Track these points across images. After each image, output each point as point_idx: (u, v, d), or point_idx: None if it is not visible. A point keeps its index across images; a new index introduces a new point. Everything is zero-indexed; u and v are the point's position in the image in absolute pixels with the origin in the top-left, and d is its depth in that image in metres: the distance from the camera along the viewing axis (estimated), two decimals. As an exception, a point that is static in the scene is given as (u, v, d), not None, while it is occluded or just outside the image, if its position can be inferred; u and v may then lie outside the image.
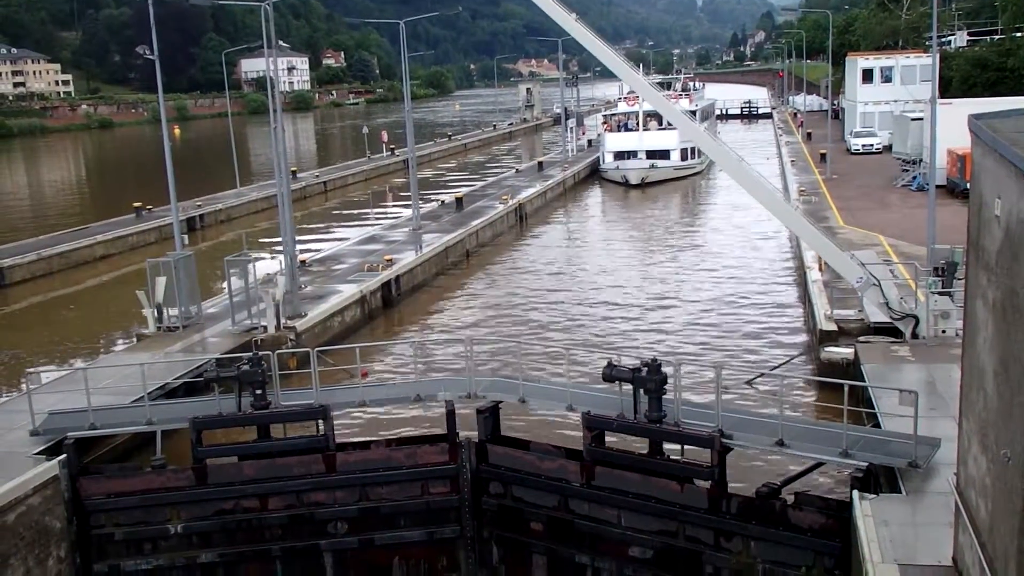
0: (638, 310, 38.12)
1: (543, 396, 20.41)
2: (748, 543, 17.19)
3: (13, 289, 46.94)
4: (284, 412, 20.23)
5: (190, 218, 61.53)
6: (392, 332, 37.15)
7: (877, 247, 37.68)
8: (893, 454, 16.31)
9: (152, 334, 30.00)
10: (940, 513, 14.41)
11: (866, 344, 24.60)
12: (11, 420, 20.85)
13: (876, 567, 13.22)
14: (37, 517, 17.85)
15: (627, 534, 18.50)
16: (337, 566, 20.00)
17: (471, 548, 20.28)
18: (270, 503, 19.78)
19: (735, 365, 29.37)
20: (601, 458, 18.88)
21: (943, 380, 20.99)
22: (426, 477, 20.02)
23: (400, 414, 25.88)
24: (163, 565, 19.51)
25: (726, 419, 17.81)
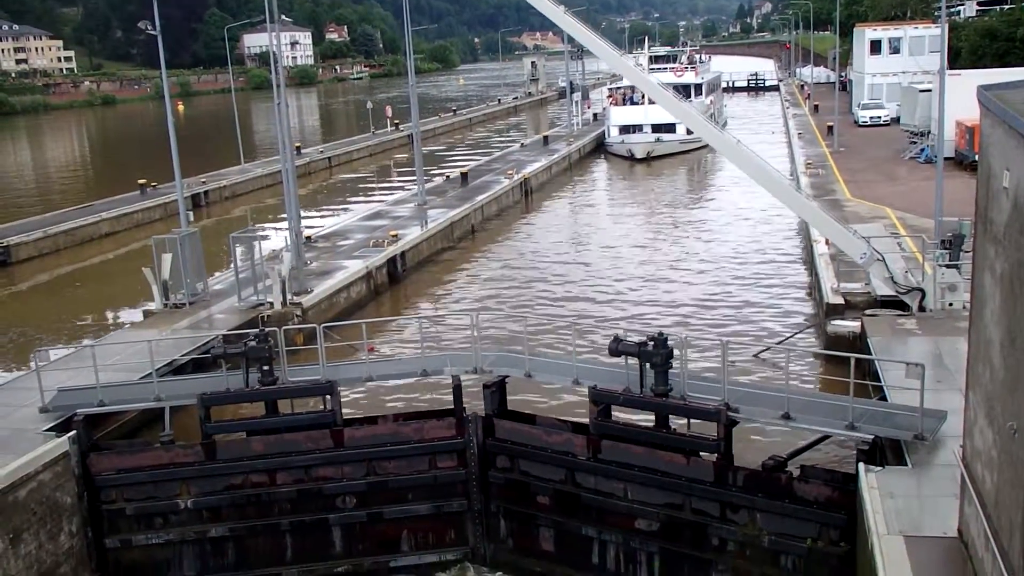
0: (644, 284, 38.12)
1: (549, 370, 20.45)
2: (754, 515, 17.27)
3: (19, 267, 47.05)
4: (291, 388, 20.31)
5: (195, 195, 61.52)
6: (398, 308, 37.22)
7: (884, 220, 37.59)
8: (899, 427, 16.35)
9: (159, 311, 30.07)
10: (946, 485, 14.46)
11: (873, 317, 24.59)
12: (20, 397, 20.95)
13: (881, 539, 13.27)
14: (48, 493, 17.99)
15: (633, 507, 18.59)
16: (346, 539, 20.15)
17: (478, 521, 20.41)
18: (279, 478, 19.90)
19: (741, 339, 29.41)
20: (607, 432, 18.94)
21: (950, 353, 20.99)
22: (433, 451, 20.12)
23: (407, 389, 25.97)
24: (174, 539, 19.67)
25: (732, 392, 17.84)
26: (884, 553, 12.86)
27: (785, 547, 16.91)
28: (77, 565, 18.67)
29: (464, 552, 20.41)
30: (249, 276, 31.06)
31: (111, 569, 19.51)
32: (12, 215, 58.10)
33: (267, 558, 19.96)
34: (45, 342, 32.49)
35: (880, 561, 12.66)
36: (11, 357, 32.26)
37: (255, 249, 31.18)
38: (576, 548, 19.41)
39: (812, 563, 16.61)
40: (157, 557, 19.69)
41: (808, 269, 37.18)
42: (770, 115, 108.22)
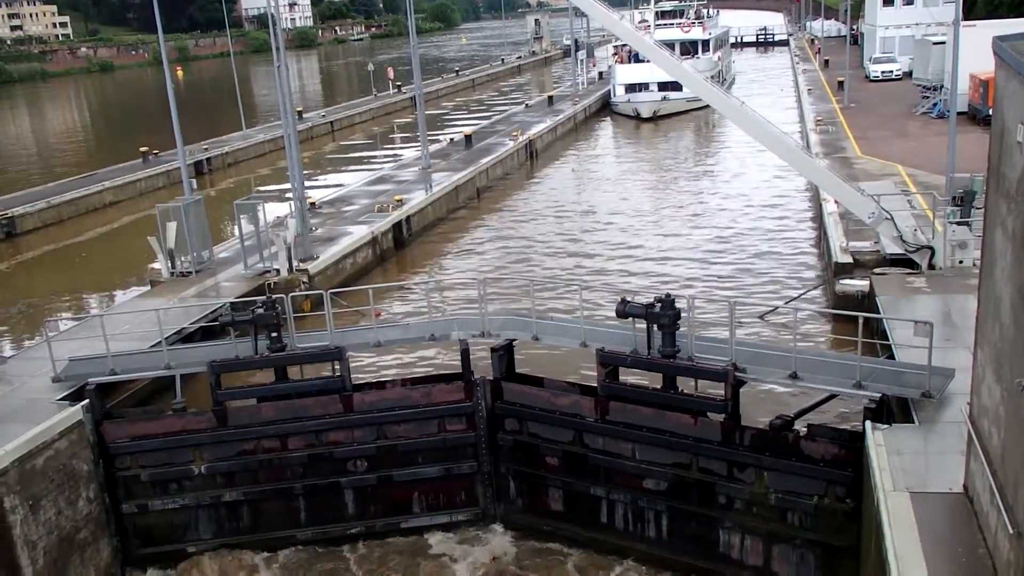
0: (651, 246, 38.13)
1: (556, 333, 20.54)
2: (761, 474, 17.43)
3: (25, 238, 47.14)
4: (300, 354, 20.45)
5: (197, 162, 61.40)
6: (404, 273, 37.29)
7: (895, 177, 37.45)
8: (907, 385, 16.44)
9: (166, 279, 30.18)
10: (952, 442, 14.57)
11: (881, 276, 24.59)
12: (32, 367, 21.12)
13: (887, 495, 13.40)
14: (65, 461, 18.20)
15: (641, 467, 18.76)
16: (358, 502, 20.39)
17: (488, 483, 20.63)
18: (290, 443, 20.10)
19: (749, 299, 29.47)
20: (615, 393, 19.08)
21: (959, 311, 21.04)
22: (442, 415, 20.29)
23: (414, 355, 26.13)
24: (189, 504, 19.93)
25: (740, 353, 17.93)
26: (890, 509, 12.99)
27: (792, 504, 17.08)
28: (96, 530, 18.93)
29: (474, 513, 20.64)
30: (254, 243, 31.11)
31: (129, 533, 19.79)
32: (15, 185, 58.10)
33: (281, 521, 20.22)
34: (54, 312, 32.66)
35: (886, 517, 12.80)
36: (21, 328, 32.44)
37: (260, 216, 31.21)
38: (585, 508, 19.63)
39: (818, 520, 16.80)
40: (174, 521, 19.97)
41: (817, 228, 37.14)
42: (779, 71, 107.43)
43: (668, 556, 18.65)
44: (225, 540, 20.08)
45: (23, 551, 16.93)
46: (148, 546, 19.88)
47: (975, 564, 11.52)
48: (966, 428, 12.83)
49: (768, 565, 17.60)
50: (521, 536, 20.10)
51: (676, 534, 18.66)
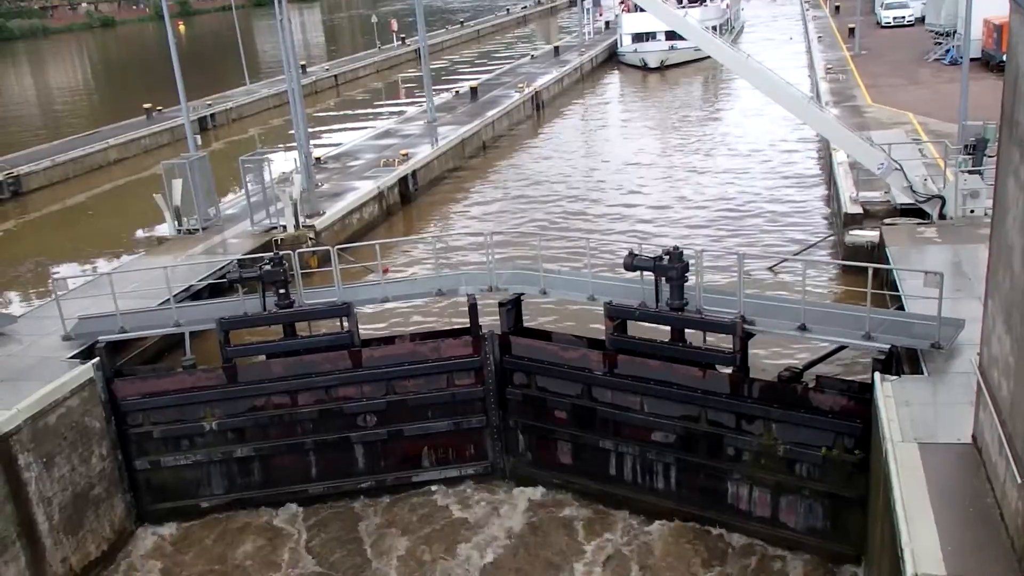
0: (659, 198, 37.98)
1: (564, 287, 20.52)
2: (769, 426, 17.47)
3: (31, 197, 47.11)
4: (308, 310, 20.47)
5: (201, 118, 61.14)
6: (411, 228, 37.23)
7: (906, 126, 37.09)
8: (916, 336, 16.40)
9: (172, 237, 30.17)
10: (961, 393, 14.56)
11: (891, 226, 24.43)
12: (42, 326, 21.19)
13: (896, 446, 13.42)
14: (77, 418, 18.33)
15: (650, 420, 18.83)
16: (368, 457, 20.53)
17: (497, 437, 20.73)
18: (300, 399, 20.20)
19: (758, 251, 29.38)
20: (623, 347, 19.09)
21: (969, 261, 20.92)
22: (451, 370, 20.34)
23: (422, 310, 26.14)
24: (201, 460, 20.09)
25: (748, 305, 17.89)
26: (898, 459, 13.02)
27: (800, 456, 17.14)
28: (110, 486, 19.11)
29: (484, 467, 20.78)
30: (260, 200, 31.06)
31: (142, 489, 19.98)
32: (20, 144, 57.94)
33: (292, 476, 20.38)
34: (63, 271, 32.73)
35: (894, 467, 12.83)
36: (30, 287, 32.53)
37: (265, 172, 31.11)
38: (594, 460, 19.73)
39: (826, 471, 16.87)
40: (186, 477, 20.14)
41: (826, 178, 36.91)
42: (789, 18, 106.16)
43: (676, 508, 18.77)
44: (237, 495, 20.27)
45: (38, 507, 17.11)
46: (161, 501, 20.08)
47: (983, 514, 11.56)
48: (975, 379, 12.81)
49: (776, 516, 17.71)
50: (530, 489, 20.21)
51: (685, 486, 18.77)
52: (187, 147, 33.35)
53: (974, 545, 10.99)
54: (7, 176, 46.85)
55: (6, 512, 16.35)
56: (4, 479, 16.33)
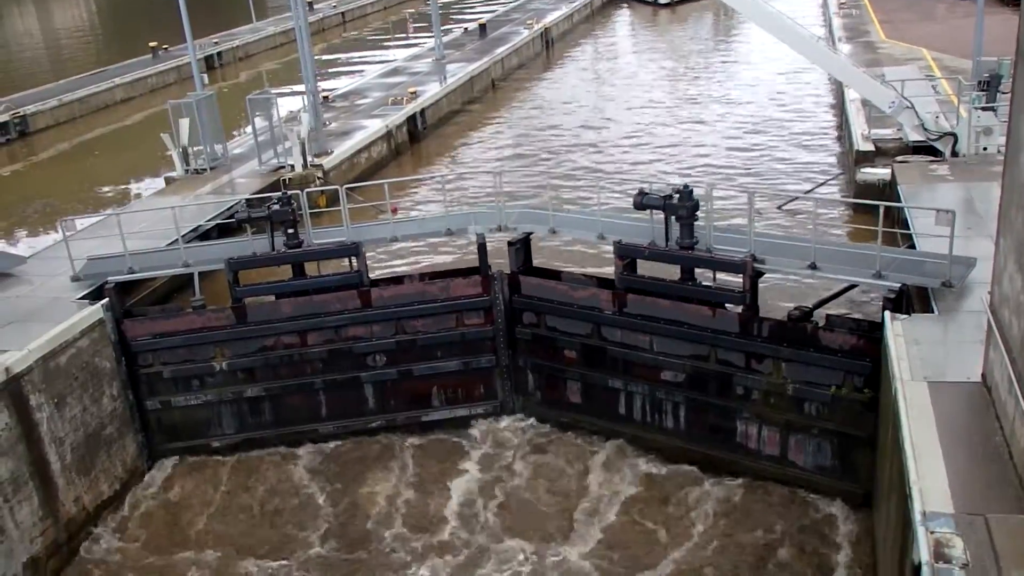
0: (669, 137, 37.65)
1: (574, 226, 20.40)
2: (779, 365, 17.46)
3: (37, 137, 46.96)
4: (317, 250, 20.43)
5: (207, 57, 60.60)
6: (420, 167, 37.05)
7: (920, 62, 36.54)
8: (927, 274, 16.29)
9: (180, 177, 30.06)
10: (972, 332, 14.48)
11: (903, 164, 24.19)
12: (51, 267, 21.20)
13: (905, 384, 13.39)
14: (87, 359, 18.41)
15: (659, 359, 18.83)
16: (378, 396, 20.64)
17: (507, 376, 20.79)
18: (309, 339, 20.25)
19: (768, 189, 29.16)
20: (633, 286, 19.03)
21: (982, 198, 20.72)
22: (460, 309, 20.34)
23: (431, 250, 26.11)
24: (212, 400, 20.21)
25: (758, 244, 17.78)
26: (907, 398, 12.99)
27: (809, 395, 17.15)
28: (121, 426, 19.27)
29: (493, 406, 20.87)
30: (268, 139, 30.87)
31: (153, 429, 20.15)
32: (26, 83, 57.59)
33: (303, 415, 20.51)
34: (70, 212, 32.70)
35: (903, 406, 12.81)
36: (38, 227, 32.56)
37: (273, 111, 30.88)
38: (603, 399, 19.80)
39: (835, 410, 16.89)
40: (197, 417, 20.28)
41: (838, 116, 36.49)
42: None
43: (685, 446, 18.86)
44: (248, 435, 20.42)
45: (51, 447, 17.27)
46: (173, 441, 20.25)
47: (992, 452, 11.56)
48: (986, 317, 12.73)
49: (785, 455, 17.78)
50: (540, 429, 20.33)
51: (694, 425, 18.83)
52: (194, 86, 33.06)
53: (983, 483, 11.01)
54: (13, 116, 46.66)
55: (18, 452, 16.50)
56: (16, 419, 16.45)
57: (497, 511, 17.78)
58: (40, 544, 16.81)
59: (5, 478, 16.14)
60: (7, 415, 16.25)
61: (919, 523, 10.36)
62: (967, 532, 10.15)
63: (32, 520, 16.70)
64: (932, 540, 10.06)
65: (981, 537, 10.07)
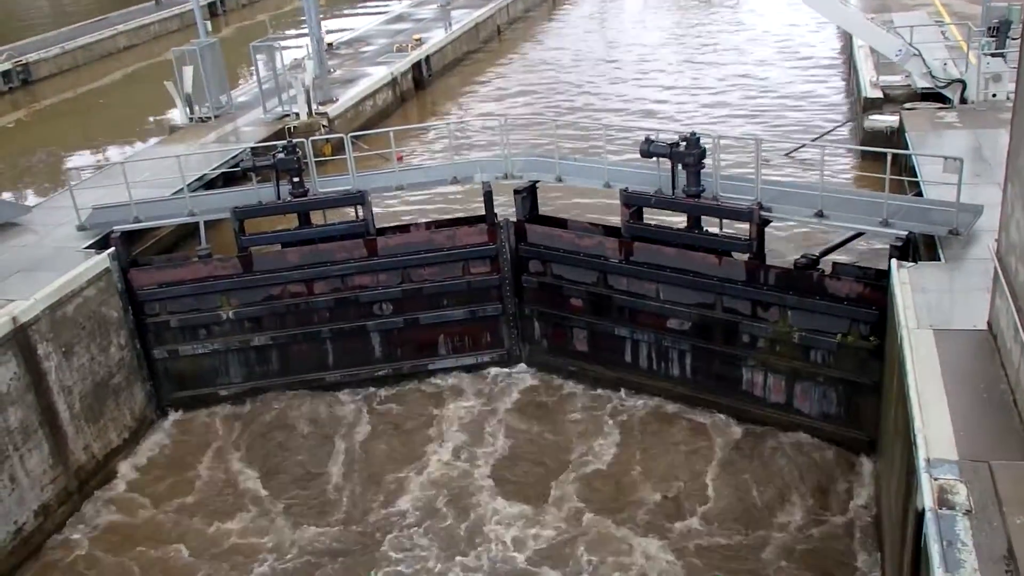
0: (676, 84, 37.31)
1: (580, 174, 20.29)
2: (785, 313, 17.47)
3: (40, 85, 46.68)
4: (323, 199, 20.38)
5: (211, 3, 60.09)
6: (425, 115, 36.82)
7: (929, 7, 36.01)
8: (934, 222, 16.21)
9: (184, 125, 29.91)
10: (978, 279, 14.43)
11: (911, 111, 23.96)
12: (56, 216, 21.17)
13: (911, 332, 13.38)
14: (95, 308, 18.47)
15: (665, 307, 18.84)
16: (384, 344, 20.71)
17: (513, 324, 20.84)
18: (316, 287, 20.27)
19: (776, 137, 28.95)
20: (639, 234, 18.98)
21: (990, 146, 20.54)
22: (466, 258, 20.33)
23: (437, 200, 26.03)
24: (219, 349, 20.30)
25: (765, 192, 17.68)
26: (913, 346, 13.00)
27: (815, 342, 17.18)
28: (129, 375, 19.39)
29: (500, 354, 20.94)
30: (272, 87, 30.66)
31: (161, 378, 20.27)
32: (27, 31, 57.10)
33: (310, 364, 20.61)
34: (75, 161, 32.63)
35: (909, 354, 12.82)
36: (43, 177, 32.48)
37: (277, 58, 30.64)
38: (609, 348, 19.85)
39: (841, 357, 16.92)
40: (204, 366, 20.39)
41: (846, 62, 36.09)
42: None
43: (691, 394, 18.95)
44: (256, 383, 20.53)
45: (59, 396, 17.40)
46: (180, 390, 20.38)
47: (997, 400, 11.58)
48: (993, 265, 12.68)
49: (790, 402, 17.86)
50: (546, 376, 20.42)
51: (700, 372, 18.90)
52: (197, 33, 32.76)
53: (987, 431, 11.05)
54: (16, 64, 46.36)
55: (28, 401, 16.63)
56: (25, 369, 16.55)
57: (503, 454, 17.96)
58: (51, 492, 17.01)
59: (15, 427, 16.29)
60: (15, 364, 16.36)
61: (923, 470, 10.42)
62: (971, 479, 10.21)
63: (42, 468, 16.88)
64: (936, 487, 10.12)
65: (985, 484, 10.12)
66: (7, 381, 16.18)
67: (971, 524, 9.52)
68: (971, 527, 9.48)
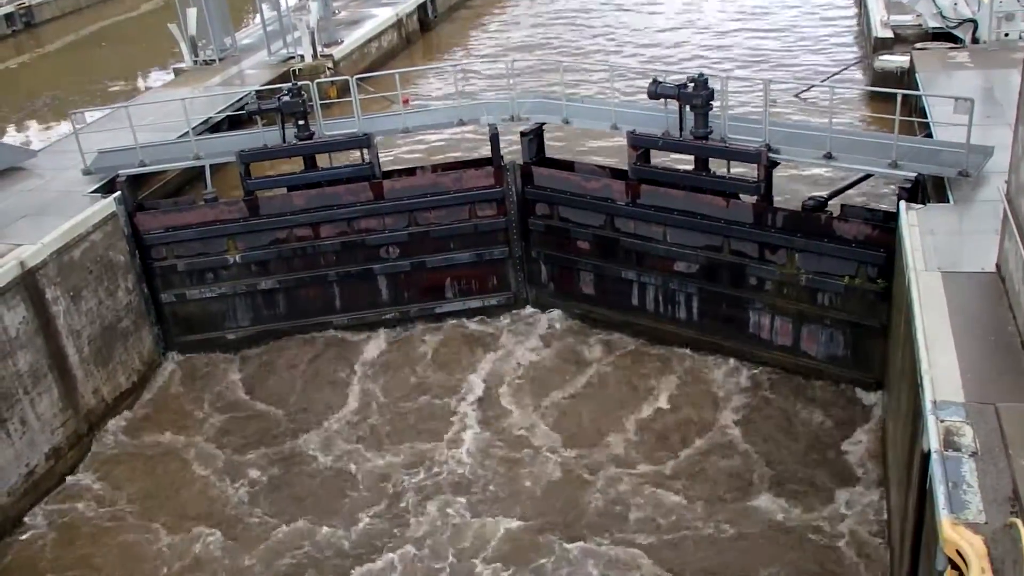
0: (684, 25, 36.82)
1: (587, 116, 20.13)
2: (793, 255, 17.41)
3: (43, 28, 46.29)
4: (328, 142, 20.27)
5: (214, -57, 59.13)
6: (431, 57, 36.46)
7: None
8: (943, 163, 16.07)
9: (189, 68, 29.69)
10: (987, 221, 14.33)
11: (922, 51, 23.64)
12: (61, 160, 21.12)
13: (919, 274, 13.33)
14: (101, 252, 18.49)
15: (672, 250, 18.80)
16: (391, 287, 20.74)
17: (520, 268, 20.83)
18: (322, 231, 20.25)
19: (784, 78, 28.63)
20: (646, 176, 18.87)
21: (1001, 86, 20.28)
22: (473, 201, 20.25)
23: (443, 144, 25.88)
24: (226, 292, 20.34)
25: (773, 133, 17.53)
26: (921, 288, 12.96)
27: (823, 285, 17.15)
28: (137, 319, 19.47)
29: (507, 297, 20.97)
30: (277, 29, 30.35)
31: (169, 322, 20.35)
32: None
33: (317, 307, 20.67)
34: (79, 104, 32.45)
35: (916, 296, 12.78)
36: (47, 121, 32.34)
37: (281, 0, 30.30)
38: (616, 290, 19.85)
39: (849, 299, 16.90)
40: (212, 309, 20.45)
41: (857, 2, 35.55)
42: None
43: (698, 337, 18.97)
44: (263, 327, 20.62)
45: (68, 340, 17.49)
46: (188, 334, 20.46)
47: (1004, 342, 11.57)
48: (1002, 207, 12.58)
49: (798, 345, 17.87)
50: (552, 319, 20.46)
51: (707, 315, 18.90)
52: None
53: (994, 373, 11.05)
54: (19, 7, 45.93)
55: (37, 345, 16.72)
56: (33, 313, 16.62)
57: (509, 393, 18.12)
58: (61, 434, 17.18)
59: (24, 371, 16.41)
60: (24, 308, 16.43)
61: (929, 412, 10.43)
62: (977, 421, 10.22)
63: (52, 411, 17.04)
64: (942, 428, 10.14)
65: (991, 426, 10.13)
66: (16, 325, 16.26)
67: (977, 466, 9.54)
68: (977, 469, 9.50)
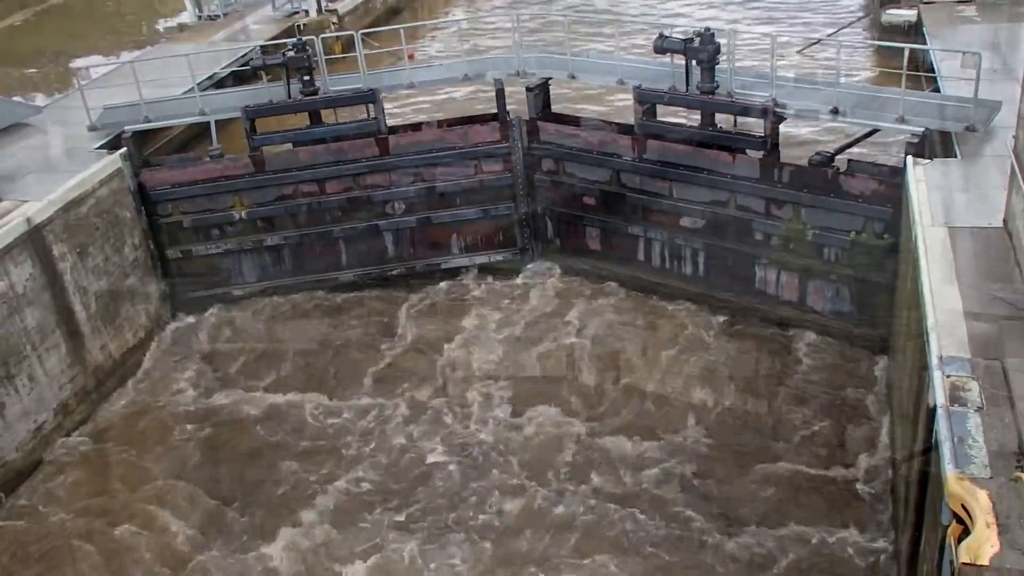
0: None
1: (593, 71, 20.03)
2: (799, 211, 17.39)
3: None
4: (334, 97, 20.20)
5: None
6: (436, 12, 36.16)
7: None
8: (950, 118, 16.00)
9: (193, 24, 29.49)
10: (995, 177, 14.31)
11: (930, 4, 23.42)
12: (66, 116, 21.06)
13: (926, 230, 13.33)
14: (108, 208, 18.50)
15: (679, 205, 18.79)
16: (397, 244, 20.78)
17: (526, 223, 20.83)
18: (328, 187, 20.24)
19: (791, 32, 28.39)
20: (652, 131, 18.81)
21: (1009, 41, 20.11)
22: (479, 156, 20.22)
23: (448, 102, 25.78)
24: (232, 248, 20.38)
25: (780, 88, 17.45)
26: (927, 243, 12.97)
27: (829, 240, 17.14)
28: (144, 275, 19.53)
29: (512, 253, 21.00)
30: (281, -17, 30.11)
31: (176, 278, 20.41)
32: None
33: (323, 263, 20.72)
34: (83, 60, 32.30)
35: (923, 251, 12.79)
36: (52, 77, 32.22)
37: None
38: (622, 246, 19.87)
39: (855, 255, 16.90)
40: (218, 265, 20.50)
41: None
42: None
43: (704, 292, 19.02)
44: (270, 283, 20.68)
45: (75, 296, 17.55)
46: (195, 290, 20.49)
47: (1011, 298, 11.59)
48: (1009, 162, 12.55)
49: (803, 300, 17.91)
50: (559, 275, 20.51)
51: (713, 271, 18.93)
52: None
53: (1001, 328, 11.08)
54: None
55: (44, 301, 16.77)
56: (40, 269, 16.66)
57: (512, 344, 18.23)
58: (69, 390, 17.30)
59: (32, 327, 16.49)
60: (31, 265, 16.47)
61: (935, 367, 10.47)
62: (983, 376, 10.27)
63: (60, 367, 17.14)
64: (948, 384, 10.18)
65: (997, 381, 10.18)
66: (23, 282, 16.32)
67: (982, 421, 9.59)
68: (982, 424, 9.55)
